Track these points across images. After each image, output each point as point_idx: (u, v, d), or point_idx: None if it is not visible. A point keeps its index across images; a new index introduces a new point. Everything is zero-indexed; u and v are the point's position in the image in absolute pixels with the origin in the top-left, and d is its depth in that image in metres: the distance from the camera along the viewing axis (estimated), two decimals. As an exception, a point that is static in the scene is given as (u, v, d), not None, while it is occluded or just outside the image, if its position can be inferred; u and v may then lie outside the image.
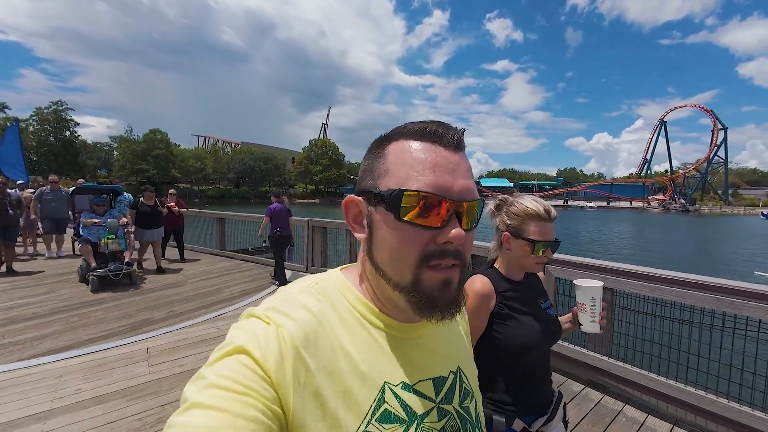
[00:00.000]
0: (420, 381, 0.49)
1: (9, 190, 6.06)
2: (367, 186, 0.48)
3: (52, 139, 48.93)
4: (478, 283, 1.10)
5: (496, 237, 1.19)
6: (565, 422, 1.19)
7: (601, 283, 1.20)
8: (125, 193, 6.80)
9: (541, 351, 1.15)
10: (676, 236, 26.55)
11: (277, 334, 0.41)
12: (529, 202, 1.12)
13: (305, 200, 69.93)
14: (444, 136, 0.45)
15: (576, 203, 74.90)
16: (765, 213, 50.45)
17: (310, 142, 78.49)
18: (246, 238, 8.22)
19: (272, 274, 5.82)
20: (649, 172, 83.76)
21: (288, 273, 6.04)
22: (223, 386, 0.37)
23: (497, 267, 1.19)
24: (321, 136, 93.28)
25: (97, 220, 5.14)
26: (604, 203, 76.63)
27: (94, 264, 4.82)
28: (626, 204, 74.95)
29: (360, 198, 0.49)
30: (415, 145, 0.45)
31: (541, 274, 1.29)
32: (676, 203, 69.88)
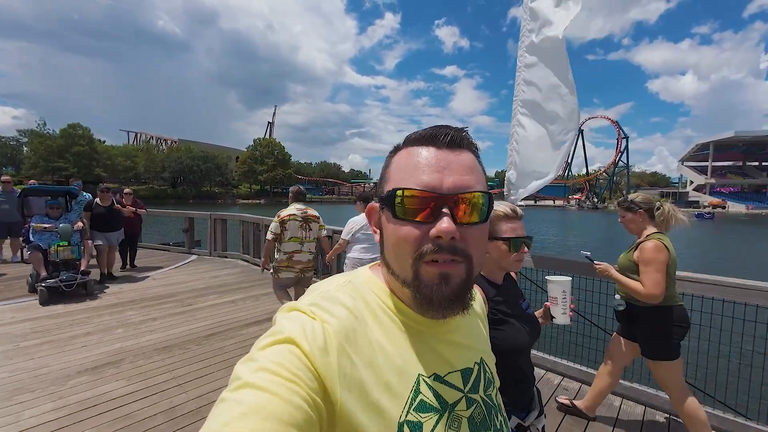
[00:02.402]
0: (450, 373, 0.52)
1: None
2: (378, 193, 0.53)
3: (-59, 131, 42.65)
4: None
5: None
6: (543, 412, 1.24)
7: (570, 278, 1.28)
8: (84, 193, 6.25)
9: (529, 350, 1.20)
10: (576, 230, 31.57)
11: (324, 329, 0.44)
12: (497, 205, 1.16)
13: (250, 201, 68.35)
14: (438, 136, 0.48)
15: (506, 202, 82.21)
16: (648, 209, 60.84)
17: (254, 141, 76.88)
18: (169, 232, 9.39)
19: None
20: (570, 174, 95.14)
21: (193, 257, 7.47)
22: (274, 371, 0.39)
23: (481, 273, 1.20)
24: (268, 135, 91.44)
25: (47, 225, 4.72)
26: (532, 202, 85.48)
27: (44, 273, 4.47)
28: (550, 203, 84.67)
29: (377, 205, 0.54)
30: (414, 149, 0.49)
31: (513, 274, 1.32)
32: (588, 202, 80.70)
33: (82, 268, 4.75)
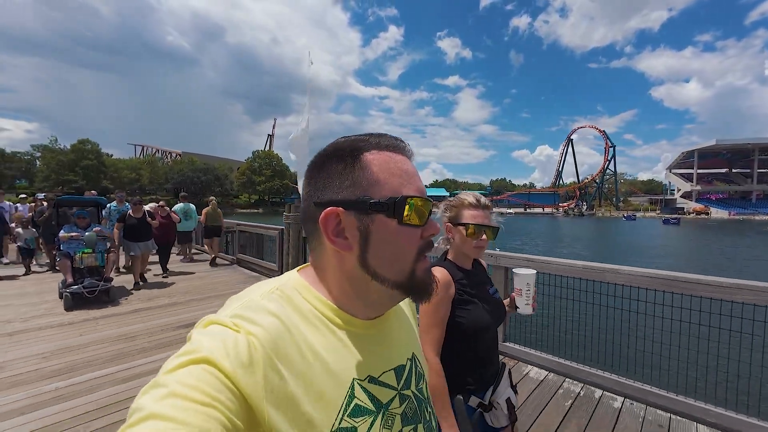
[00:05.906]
0: (384, 372, 0.53)
1: None
2: (351, 196, 0.49)
3: (-39, 147, 46.34)
4: (438, 274, 1.17)
5: (444, 231, 1.32)
6: (514, 388, 1.30)
7: (534, 271, 1.33)
8: (127, 204, 6.66)
9: (493, 330, 1.28)
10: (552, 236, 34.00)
11: (248, 342, 0.41)
12: (464, 194, 1.28)
13: (248, 210, 71.41)
14: (403, 146, 0.54)
15: (498, 209, 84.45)
16: (626, 216, 63.77)
17: (253, 153, 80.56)
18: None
19: None
20: (561, 182, 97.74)
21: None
22: (185, 396, 0.35)
23: (450, 258, 1.30)
24: (267, 148, 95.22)
25: (74, 234, 5.00)
26: (522, 210, 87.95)
27: (70, 280, 4.68)
28: (540, 210, 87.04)
29: (341, 209, 0.49)
30: (394, 156, 0.52)
31: (483, 262, 1.42)
32: (576, 209, 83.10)
33: (106, 275, 5.00)
